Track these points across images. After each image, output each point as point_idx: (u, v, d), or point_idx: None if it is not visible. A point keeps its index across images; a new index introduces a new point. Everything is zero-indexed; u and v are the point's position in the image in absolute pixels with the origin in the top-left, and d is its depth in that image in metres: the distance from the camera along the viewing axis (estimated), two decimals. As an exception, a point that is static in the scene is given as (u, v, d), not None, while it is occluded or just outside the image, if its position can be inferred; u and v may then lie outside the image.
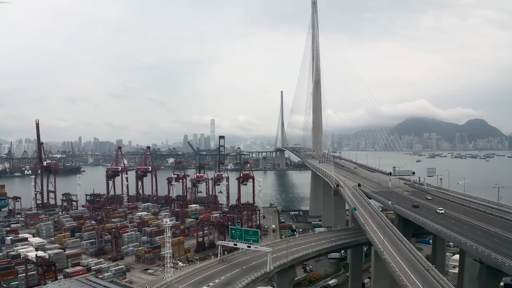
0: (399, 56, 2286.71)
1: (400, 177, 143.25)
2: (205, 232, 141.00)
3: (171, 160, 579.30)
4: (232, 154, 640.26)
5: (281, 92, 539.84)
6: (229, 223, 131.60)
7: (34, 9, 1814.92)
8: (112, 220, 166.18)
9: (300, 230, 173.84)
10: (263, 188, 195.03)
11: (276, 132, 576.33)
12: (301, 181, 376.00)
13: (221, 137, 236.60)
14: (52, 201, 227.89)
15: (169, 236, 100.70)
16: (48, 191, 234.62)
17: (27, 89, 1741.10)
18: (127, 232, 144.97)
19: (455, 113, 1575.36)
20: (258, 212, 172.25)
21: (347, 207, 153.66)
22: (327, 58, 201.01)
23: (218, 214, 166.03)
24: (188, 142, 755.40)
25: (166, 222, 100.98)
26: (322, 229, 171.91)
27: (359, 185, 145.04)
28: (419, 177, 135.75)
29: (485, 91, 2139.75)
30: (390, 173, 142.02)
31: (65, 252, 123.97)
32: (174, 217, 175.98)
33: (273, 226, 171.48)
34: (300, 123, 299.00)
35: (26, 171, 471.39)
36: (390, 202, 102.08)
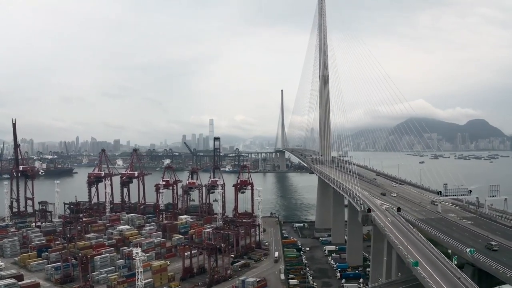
0: (399, 55, 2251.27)
1: (455, 197, 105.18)
2: (194, 253, 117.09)
3: (167, 161, 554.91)
4: (231, 155, 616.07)
5: (281, 91, 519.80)
6: (222, 245, 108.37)
7: (34, 9, 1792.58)
8: (87, 236, 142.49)
9: (307, 249, 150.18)
10: (263, 193, 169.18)
11: (276, 133, 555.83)
12: (304, 184, 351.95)
13: (216, 138, 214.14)
14: (30, 210, 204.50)
15: (141, 272, 77.77)
16: (26, 198, 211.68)
17: (26, 89, 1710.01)
18: (101, 254, 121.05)
19: (455, 113, 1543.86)
20: (258, 226, 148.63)
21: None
22: (334, 52, 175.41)
23: (211, 229, 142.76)
24: (185, 143, 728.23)
25: (137, 253, 78.10)
26: (332, 247, 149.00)
27: (399, 209, 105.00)
28: (477, 197, 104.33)
29: (485, 91, 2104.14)
30: (440, 192, 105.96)
31: (20, 283, 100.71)
32: (160, 232, 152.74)
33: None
34: (302, 123, 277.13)
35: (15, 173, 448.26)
36: (468, 250, 68.73)
